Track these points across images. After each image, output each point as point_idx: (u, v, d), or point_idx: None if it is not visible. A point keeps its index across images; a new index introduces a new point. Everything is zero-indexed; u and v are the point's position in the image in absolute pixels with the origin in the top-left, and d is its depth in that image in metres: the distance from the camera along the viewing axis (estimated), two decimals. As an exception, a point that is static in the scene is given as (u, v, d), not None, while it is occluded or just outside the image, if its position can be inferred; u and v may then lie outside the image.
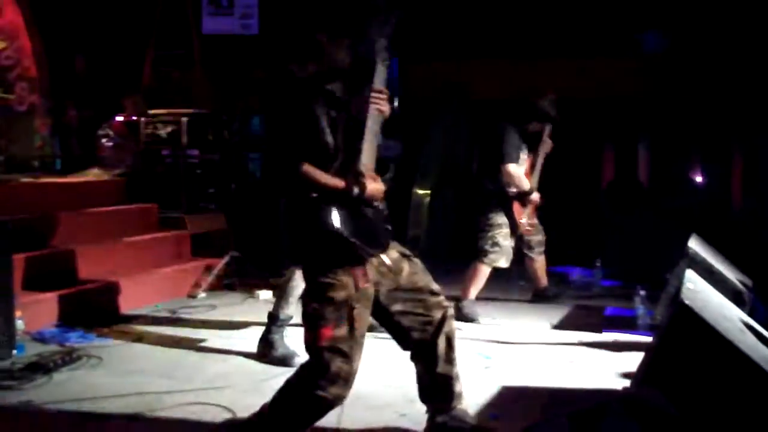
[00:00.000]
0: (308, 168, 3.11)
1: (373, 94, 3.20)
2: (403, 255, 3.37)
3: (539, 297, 6.97)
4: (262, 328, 5.13)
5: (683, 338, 3.27)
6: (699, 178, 9.23)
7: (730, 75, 8.56)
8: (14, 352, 4.90)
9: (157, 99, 9.64)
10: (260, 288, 7.08)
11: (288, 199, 3.24)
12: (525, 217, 6.50)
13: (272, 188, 7.35)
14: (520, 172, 6.45)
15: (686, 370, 3.19)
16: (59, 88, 10.26)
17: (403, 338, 3.38)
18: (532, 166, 6.65)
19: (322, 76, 3.26)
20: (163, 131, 8.68)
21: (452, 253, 8.28)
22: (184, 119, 8.49)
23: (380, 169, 3.24)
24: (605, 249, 8.16)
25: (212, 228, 8.12)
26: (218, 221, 8.22)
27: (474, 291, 6.30)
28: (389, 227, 3.27)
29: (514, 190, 6.45)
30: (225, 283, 7.44)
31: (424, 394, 3.48)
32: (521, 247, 6.69)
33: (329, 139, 3.18)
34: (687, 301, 3.34)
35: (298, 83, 3.23)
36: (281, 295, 5.07)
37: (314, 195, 3.12)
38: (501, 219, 6.42)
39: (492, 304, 6.69)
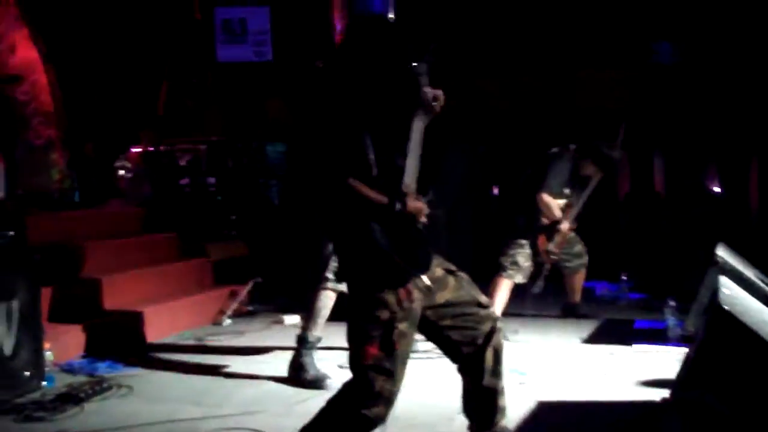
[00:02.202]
0: (354, 181, 3.09)
1: (423, 99, 3.18)
2: (448, 270, 3.34)
3: (569, 312, 6.92)
4: (291, 352, 5.09)
5: (724, 344, 3.23)
6: (716, 187, 9.17)
7: (744, 83, 8.53)
8: (44, 383, 4.87)
9: (173, 129, 9.68)
10: (286, 312, 7.04)
11: (333, 217, 3.22)
12: (552, 246, 6.47)
13: (294, 210, 7.41)
14: (552, 203, 6.42)
15: (729, 376, 3.14)
16: (76, 121, 10.30)
17: (454, 353, 3.35)
18: (568, 208, 6.56)
19: (367, 93, 3.24)
20: (182, 160, 8.70)
21: (472, 272, 8.20)
22: (203, 147, 8.50)
23: (420, 190, 3.21)
24: (629, 262, 8.13)
25: (234, 254, 8.11)
26: (240, 248, 8.22)
27: (498, 306, 6.27)
28: (430, 247, 3.24)
29: (545, 221, 6.44)
30: (249, 309, 7.41)
31: (469, 408, 3.43)
32: (559, 263, 6.65)
33: (372, 157, 3.15)
34: (726, 307, 3.30)
35: (345, 101, 3.21)
36: (309, 317, 5.03)
37: (355, 212, 3.09)
38: (524, 241, 6.42)
39: (519, 319, 6.64)
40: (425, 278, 3.18)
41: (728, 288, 3.84)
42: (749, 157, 8.94)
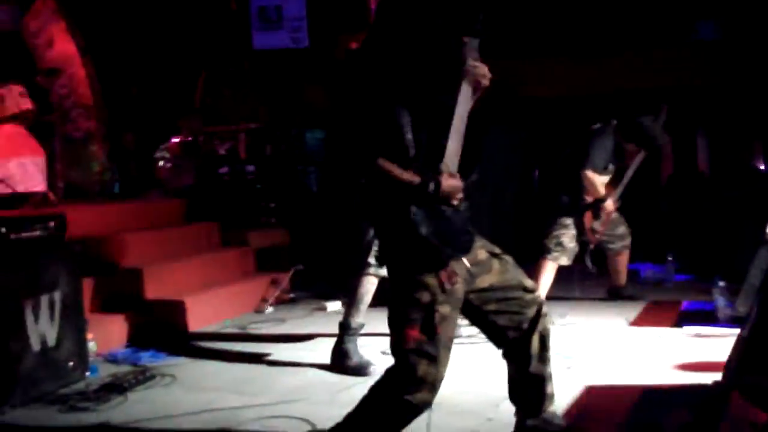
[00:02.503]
0: (384, 161, 3.02)
1: (467, 70, 3.08)
2: (492, 253, 3.25)
3: (614, 295, 6.81)
4: (333, 339, 5.04)
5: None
6: (761, 165, 8.99)
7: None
8: (88, 374, 4.88)
9: (212, 117, 9.69)
10: (328, 299, 7.00)
11: (370, 200, 3.16)
12: (597, 224, 6.37)
13: (333, 196, 7.37)
14: (596, 179, 6.34)
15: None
16: (115, 113, 10.35)
17: (499, 338, 3.27)
18: (616, 179, 6.49)
19: (402, 69, 3.16)
20: (221, 148, 8.68)
21: (515, 257, 8.11)
22: (241, 135, 8.48)
23: (466, 169, 3.12)
24: (675, 243, 8.00)
25: (275, 242, 8.09)
26: (280, 235, 8.20)
27: (542, 289, 6.20)
28: (471, 229, 3.15)
29: (588, 199, 6.34)
30: (291, 297, 7.39)
31: (515, 395, 3.35)
32: (602, 244, 6.56)
33: (409, 137, 3.07)
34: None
35: (381, 78, 3.13)
36: (351, 303, 4.98)
37: (390, 194, 3.02)
38: (569, 221, 6.34)
39: (566, 302, 6.55)
40: (466, 261, 3.10)
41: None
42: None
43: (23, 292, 4.50)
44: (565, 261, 6.35)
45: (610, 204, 6.39)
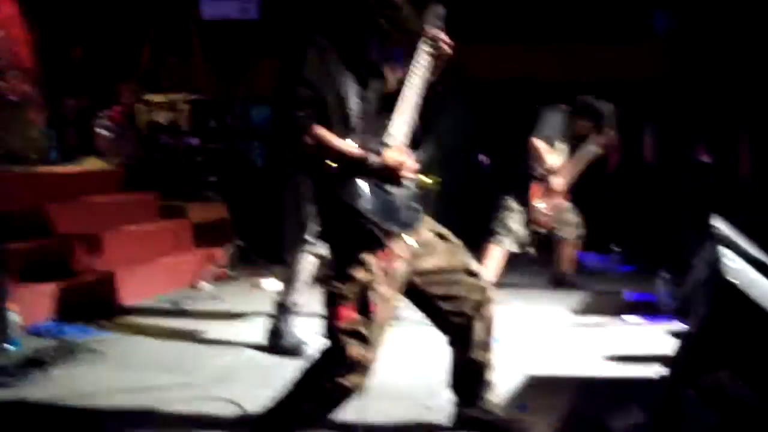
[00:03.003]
0: (321, 130, 2.85)
1: (424, 39, 2.92)
2: (439, 235, 3.10)
3: (557, 281, 6.74)
4: (269, 319, 4.88)
5: (731, 319, 3.05)
6: (706, 157, 9.00)
7: (736, 52, 8.36)
8: (9, 347, 4.65)
9: (155, 85, 9.42)
10: (265, 277, 6.82)
11: (310, 173, 2.99)
12: (540, 202, 6.26)
13: (276, 171, 7.18)
14: (543, 147, 6.23)
15: (738, 351, 2.96)
16: (55, 77, 10.02)
17: (443, 323, 3.13)
18: (565, 169, 6.39)
19: (353, 37, 2.99)
20: (163, 118, 8.44)
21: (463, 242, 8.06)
22: (185, 106, 8.25)
23: (416, 145, 2.97)
24: (619, 233, 7.96)
25: (214, 217, 7.88)
26: (220, 210, 7.99)
27: (490, 275, 6.10)
28: (417, 205, 2.99)
29: (538, 171, 6.24)
30: (229, 274, 7.19)
31: (455, 382, 3.23)
32: (552, 232, 6.47)
33: (353, 106, 2.90)
34: (732, 280, 3.13)
35: (323, 44, 2.95)
36: (288, 281, 4.81)
37: (330, 165, 2.85)
38: (515, 204, 6.24)
39: (508, 289, 6.44)
40: (410, 239, 2.95)
41: (731, 260, 3.67)
42: (740, 127, 8.79)
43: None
44: (511, 245, 6.22)
45: (558, 181, 6.28)
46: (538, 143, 6.23)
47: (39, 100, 9.96)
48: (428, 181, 3.05)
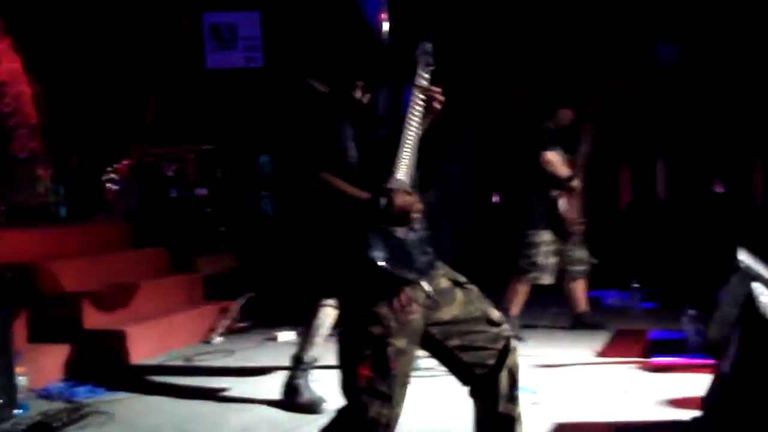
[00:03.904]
0: (328, 176, 2.73)
1: (418, 88, 2.83)
2: (455, 282, 2.95)
3: (578, 323, 6.57)
4: (285, 373, 4.72)
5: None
6: (720, 189, 8.87)
7: (745, 82, 8.28)
8: (17, 411, 4.50)
9: (162, 138, 9.38)
10: (279, 329, 6.68)
11: (317, 223, 2.86)
12: (572, 214, 6.24)
13: (287, 221, 7.08)
14: (556, 158, 6.21)
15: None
16: (61, 133, 10.00)
17: (464, 375, 2.96)
18: (574, 167, 6.34)
19: (350, 86, 2.90)
20: (170, 170, 8.36)
21: (475, 278, 7.90)
22: (191, 156, 8.18)
23: (420, 187, 2.85)
24: (638, 270, 7.82)
25: (225, 268, 7.76)
26: (231, 261, 7.88)
27: (516, 308, 6.03)
28: (429, 251, 2.85)
29: (556, 192, 6.17)
30: (241, 326, 7.05)
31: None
32: (564, 265, 6.33)
33: (353, 153, 2.80)
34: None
35: (320, 96, 2.86)
36: (305, 335, 4.67)
37: (336, 213, 2.74)
38: (541, 237, 6.16)
39: (526, 330, 6.29)
40: (426, 284, 2.80)
41: (764, 294, 3.52)
42: (753, 157, 8.69)
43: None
44: (546, 279, 6.17)
45: (576, 182, 6.27)
46: (551, 156, 6.18)
47: (46, 156, 9.94)
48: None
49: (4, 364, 4.48)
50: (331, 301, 4.56)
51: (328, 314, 4.60)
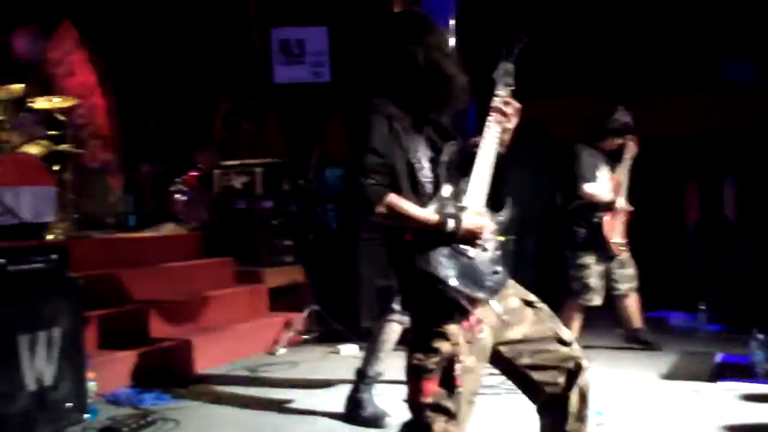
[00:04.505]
0: (393, 197, 2.75)
1: (494, 108, 2.85)
2: (526, 301, 2.95)
3: (633, 339, 6.50)
4: (349, 386, 4.75)
5: None
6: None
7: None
8: (86, 416, 4.60)
9: (230, 151, 9.51)
10: (343, 342, 6.71)
11: (386, 241, 2.89)
12: (616, 237, 6.13)
13: (353, 236, 7.12)
14: (596, 188, 6.18)
15: None
16: (132, 144, 10.20)
17: (534, 394, 2.96)
18: (618, 186, 6.28)
19: (423, 104, 2.92)
20: (237, 182, 8.47)
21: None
22: (259, 170, 8.27)
23: (495, 206, 2.86)
24: (705, 291, 7.67)
25: (290, 281, 7.84)
26: (296, 274, 7.95)
27: (574, 330, 6.00)
28: (500, 270, 2.86)
29: (599, 215, 6.13)
30: (305, 338, 7.10)
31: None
32: (611, 286, 6.28)
33: (426, 172, 2.82)
34: None
35: (390, 109, 2.87)
36: (370, 349, 4.70)
37: (408, 233, 2.75)
38: (589, 258, 6.13)
39: (587, 352, 6.21)
40: (496, 304, 2.81)
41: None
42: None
43: (20, 327, 4.24)
44: (597, 301, 6.12)
45: (621, 202, 6.22)
46: (589, 188, 6.15)
47: (117, 166, 10.14)
48: (501, 239, 2.93)
49: (75, 370, 4.58)
50: (395, 317, 4.58)
51: (393, 329, 4.62)
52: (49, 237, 6.77)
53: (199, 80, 10.25)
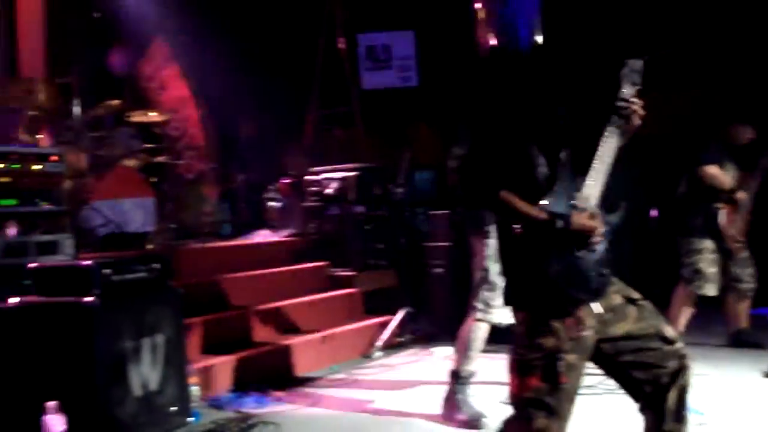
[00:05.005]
0: (506, 194, 2.76)
1: (619, 107, 2.85)
2: (629, 298, 2.94)
3: (738, 341, 6.33)
4: (444, 387, 4.77)
5: None
6: None
7: None
8: (190, 419, 4.74)
9: (321, 157, 9.62)
10: (437, 344, 6.74)
11: (499, 236, 2.91)
12: (733, 231, 5.97)
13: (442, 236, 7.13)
14: (718, 171, 5.98)
15: None
16: (226, 154, 10.40)
17: (635, 392, 2.94)
18: (745, 181, 6.09)
19: (544, 98, 2.93)
20: (330, 189, 8.57)
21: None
22: (350, 175, 8.36)
23: (609, 207, 2.86)
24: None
25: (384, 285, 7.90)
26: (389, 277, 8.00)
27: (682, 321, 5.88)
28: (606, 272, 2.85)
29: (718, 205, 5.98)
30: (400, 341, 7.15)
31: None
32: (729, 285, 6.12)
33: (543, 170, 2.82)
34: None
35: (506, 108, 2.89)
36: (462, 350, 4.71)
37: (517, 229, 2.77)
38: (703, 244, 5.95)
39: (691, 349, 6.09)
40: (598, 306, 2.81)
41: None
42: None
43: (125, 335, 4.40)
44: (710, 291, 5.97)
45: (741, 195, 6.01)
46: (711, 169, 5.97)
47: (212, 176, 10.36)
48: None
49: (179, 375, 4.73)
50: (479, 314, 4.57)
51: (480, 327, 4.62)
52: (150, 247, 6.99)
53: (288, 88, 10.41)
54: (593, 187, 2.82)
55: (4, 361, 4.49)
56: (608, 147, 2.83)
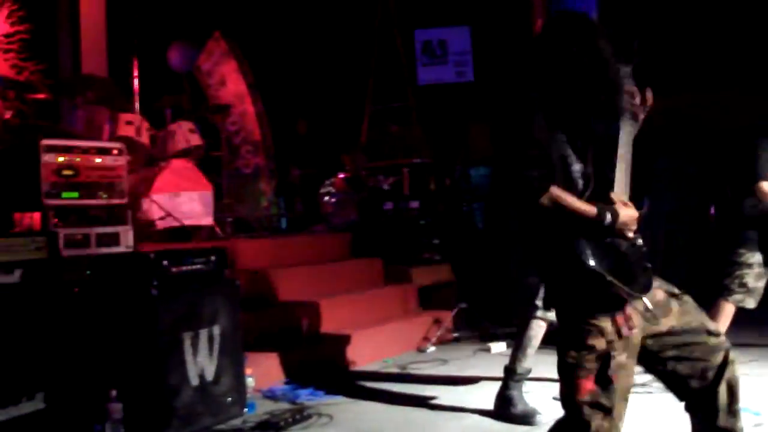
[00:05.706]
0: (557, 190, 2.75)
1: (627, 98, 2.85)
2: (671, 293, 2.91)
3: None
4: (498, 383, 4.77)
5: None
6: None
7: None
8: (245, 410, 4.79)
9: (377, 153, 9.66)
10: (492, 340, 6.73)
11: (537, 234, 2.90)
12: None
13: (499, 234, 7.12)
14: None
15: None
16: (282, 149, 10.50)
17: (680, 389, 2.91)
18: None
19: (569, 102, 2.92)
20: (385, 184, 8.61)
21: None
22: (406, 170, 8.39)
23: (636, 200, 2.84)
24: None
25: (438, 280, 7.91)
26: (444, 272, 8.01)
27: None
28: (649, 265, 2.82)
29: None
30: (454, 336, 7.15)
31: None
32: None
33: (577, 167, 2.81)
34: None
35: (545, 104, 2.88)
36: (518, 346, 4.70)
37: (561, 226, 2.75)
38: (754, 258, 5.81)
39: (740, 349, 6.00)
40: (647, 300, 2.78)
41: None
42: None
43: (183, 325, 4.47)
44: (750, 303, 5.83)
45: None
46: (766, 185, 5.78)
47: (268, 171, 10.48)
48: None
49: (235, 366, 4.78)
50: (539, 313, 4.57)
51: (540, 326, 4.61)
52: (208, 239, 7.08)
53: (345, 84, 10.46)
54: (621, 180, 2.80)
55: (66, 350, 4.60)
56: (625, 141, 2.85)
